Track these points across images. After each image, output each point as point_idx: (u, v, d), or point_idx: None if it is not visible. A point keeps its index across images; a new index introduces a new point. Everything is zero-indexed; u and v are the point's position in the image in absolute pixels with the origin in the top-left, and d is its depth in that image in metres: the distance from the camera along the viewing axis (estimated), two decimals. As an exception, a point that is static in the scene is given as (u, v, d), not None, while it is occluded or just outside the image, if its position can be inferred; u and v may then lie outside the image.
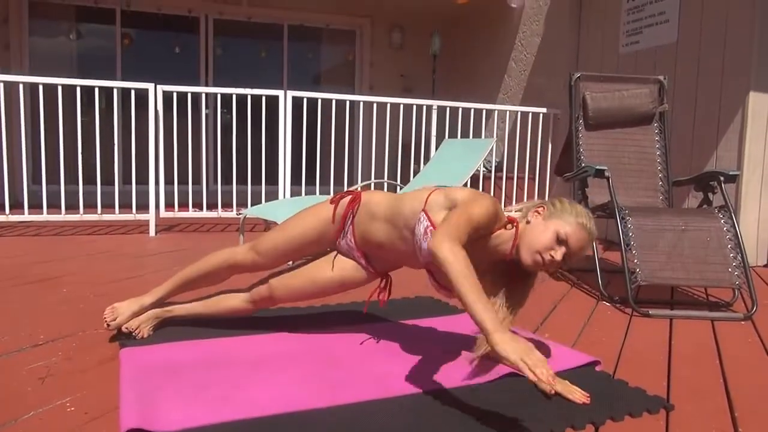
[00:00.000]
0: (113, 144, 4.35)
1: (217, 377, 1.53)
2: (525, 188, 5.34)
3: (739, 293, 2.68)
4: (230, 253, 1.83)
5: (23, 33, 6.18)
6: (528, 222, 1.60)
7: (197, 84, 6.82)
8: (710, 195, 2.83)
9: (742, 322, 2.38)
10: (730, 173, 2.65)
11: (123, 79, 6.49)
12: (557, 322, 2.31)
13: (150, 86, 4.26)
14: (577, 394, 1.45)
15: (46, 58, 6.36)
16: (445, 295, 1.66)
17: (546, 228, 1.56)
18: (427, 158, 5.04)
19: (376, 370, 1.64)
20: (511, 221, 1.63)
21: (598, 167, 2.67)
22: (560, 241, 1.55)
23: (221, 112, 6.48)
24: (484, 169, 5.66)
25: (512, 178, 5.39)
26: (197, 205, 4.69)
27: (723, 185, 2.68)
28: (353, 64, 7.43)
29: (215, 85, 6.85)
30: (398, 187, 4.94)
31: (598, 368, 1.73)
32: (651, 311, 2.40)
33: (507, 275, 1.66)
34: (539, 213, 1.61)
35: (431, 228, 1.56)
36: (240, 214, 3.87)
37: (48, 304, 2.31)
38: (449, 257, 1.35)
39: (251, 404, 1.37)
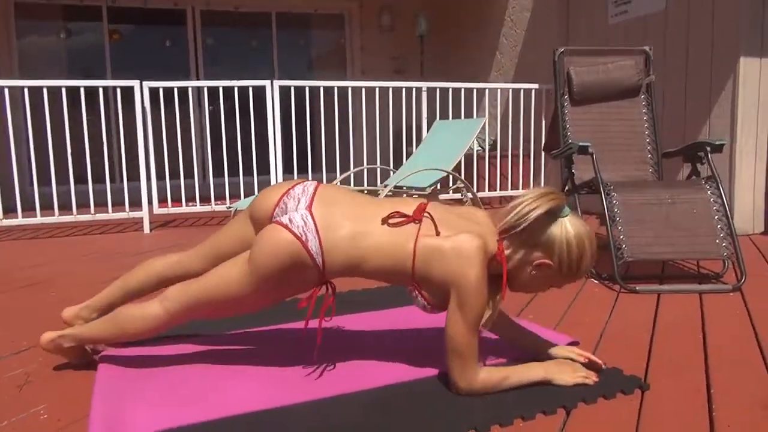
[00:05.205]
0: (102, 142, 4.34)
1: (191, 378, 1.53)
2: (520, 165, 5.30)
3: (730, 264, 2.65)
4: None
5: (11, 34, 6.15)
6: (532, 273, 1.45)
7: (188, 76, 6.80)
8: (698, 166, 2.79)
9: (731, 294, 2.35)
10: (716, 143, 2.60)
11: (113, 75, 6.48)
12: (543, 301, 2.29)
13: (135, 83, 4.24)
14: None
15: (35, 58, 6.34)
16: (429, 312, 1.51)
17: (544, 284, 1.48)
18: (419, 140, 5.01)
19: (352, 363, 1.63)
20: (498, 256, 1.44)
21: (581, 144, 2.64)
22: (551, 287, 1.51)
23: (208, 106, 6.46)
24: (480, 148, 5.62)
25: (507, 156, 5.35)
26: (191, 200, 4.69)
27: (710, 155, 2.64)
28: (344, 49, 7.36)
29: (206, 76, 6.82)
30: (391, 172, 4.92)
31: (577, 349, 1.72)
32: (638, 287, 2.38)
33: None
34: (545, 267, 1.43)
35: (429, 306, 1.45)
36: (230, 207, 3.88)
37: (35, 308, 2.32)
38: (480, 391, 1.40)
39: (223, 404, 1.37)
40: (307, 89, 4.68)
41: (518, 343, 1.63)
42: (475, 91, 5.19)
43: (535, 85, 5.15)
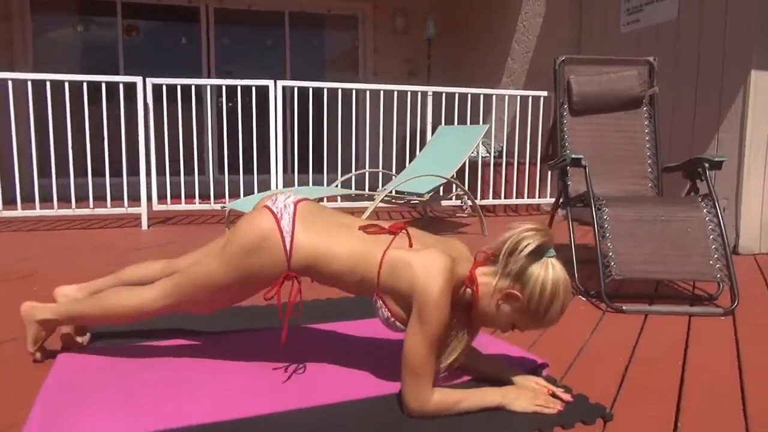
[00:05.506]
0: (104, 137, 4.36)
1: (148, 385, 1.50)
2: (526, 174, 5.21)
3: (725, 286, 2.54)
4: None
5: (26, 29, 6.23)
6: (499, 303, 1.39)
7: (200, 74, 6.82)
8: (698, 182, 2.69)
9: (722, 318, 2.26)
10: (715, 159, 2.51)
11: (126, 71, 6.52)
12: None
13: (138, 80, 4.25)
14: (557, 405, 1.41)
15: (50, 52, 6.41)
16: (392, 327, 1.45)
17: (507, 319, 1.41)
18: (424, 145, 4.95)
19: (319, 374, 1.59)
20: (470, 280, 1.42)
21: (574, 156, 2.56)
22: (514, 328, 1.45)
23: (217, 101, 6.47)
24: (487, 155, 5.54)
25: (512, 164, 5.26)
26: (191, 197, 4.69)
27: (708, 172, 2.54)
28: (356, 50, 7.32)
29: (218, 74, 6.84)
30: (393, 177, 4.87)
31: (545, 372, 1.65)
32: (625, 306, 2.30)
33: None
34: (513, 300, 1.38)
35: (393, 319, 1.42)
36: (224, 206, 3.86)
37: (13, 304, 2.31)
38: (433, 414, 1.34)
39: (176, 414, 1.33)
40: (310, 90, 4.65)
41: (479, 369, 1.56)
42: (481, 97, 5.11)
43: (544, 93, 5.06)
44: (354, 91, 4.78)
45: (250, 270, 1.45)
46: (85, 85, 4.17)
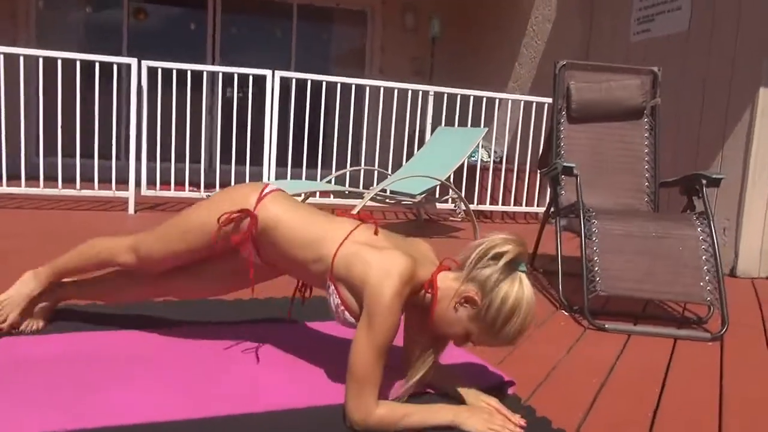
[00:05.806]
0: (95, 118, 4.28)
1: (72, 378, 1.41)
2: (526, 181, 5.10)
3: (716, 309, 2.43)
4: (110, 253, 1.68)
5: (30, 6, 6.17)
6: (455, 307, 1.31)
7: (204, 60, 6.74)
8: (695, 199, 2.58)
9: (709, 343, 2.14)
10: (713, 176, 2.39)
11: (129, 53, 6.44)
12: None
13: (133, 61, 4.17)
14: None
15: (54, 31, 6.35)
16: (341, 318, 1.40)
17: (461, 327, 1.31)
18: (423, 145, 4.84)
19: (266, 379, 1.49)
20: (430, 284, 1.35)
21: (565, 164, 2.45)
22: (467, 339, 1.35)
23: (224, 92, 6.38)
24: (487, 159, 5.43)
25: (512, 170, 5.15)
26: (181, 184, 4.61)
27: (706, 190, 2.42)
28: (364, 46, 7.22)
29: (222, 62, 6.75)
30: (388, 175, 4.77)
31: (511, 390, 1.54)
32: (608, 325, 2.19)
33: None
34: (471, 304, 1.29)
35: (342, 308, 1.36)
36: (210, 196, 3.78)
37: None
38: (377, 427, 1.24)
39: (78, 415, 1.25)
40: (308, 82, 4.55)
41: (435, 382, 1.45)
42: (484, 99, 5.01)
43: (548, 99, 4.94)
44: (353, 87, 4.68)
45: (220, 202, 1.51)
46: (78, 63, 4.10)
